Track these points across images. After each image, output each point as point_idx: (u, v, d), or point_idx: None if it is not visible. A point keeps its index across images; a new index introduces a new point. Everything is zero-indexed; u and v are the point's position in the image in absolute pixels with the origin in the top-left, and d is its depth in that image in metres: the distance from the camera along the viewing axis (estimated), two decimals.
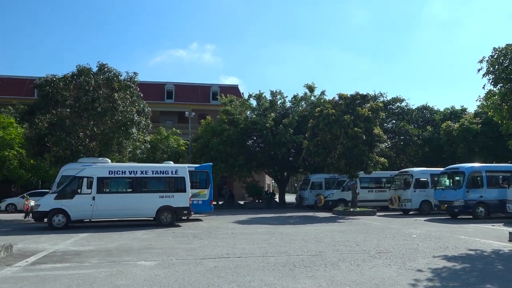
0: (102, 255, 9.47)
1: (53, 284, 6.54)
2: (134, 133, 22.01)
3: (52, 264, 8.37)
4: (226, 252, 9.73)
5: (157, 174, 17.36)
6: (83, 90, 20.93)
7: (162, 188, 17.29)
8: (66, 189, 16.18)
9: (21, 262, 8.56)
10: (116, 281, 6.71)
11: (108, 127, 21.41)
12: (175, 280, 6.74)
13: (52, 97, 20.51)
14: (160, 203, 16.82)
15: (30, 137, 21.72)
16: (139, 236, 13.39)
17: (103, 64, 22.20)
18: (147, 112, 23.40)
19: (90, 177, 16.43)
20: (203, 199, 21.24)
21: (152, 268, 7.81)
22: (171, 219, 16.95)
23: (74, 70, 21.72)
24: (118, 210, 16.58)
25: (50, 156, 21.62)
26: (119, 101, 21.27)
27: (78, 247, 10.77)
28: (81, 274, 7.28)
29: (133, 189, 17.01)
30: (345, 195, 26.66)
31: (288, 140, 30.25)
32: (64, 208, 15.78)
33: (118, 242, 11.73)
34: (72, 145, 20.86)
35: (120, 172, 16.93)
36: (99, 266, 8.09)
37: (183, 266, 7.92)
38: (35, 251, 10.03)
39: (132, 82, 22.67)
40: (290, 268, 7.74)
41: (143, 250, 10.21)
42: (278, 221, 19.09)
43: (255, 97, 34.63)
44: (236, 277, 6.93)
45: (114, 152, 22.54)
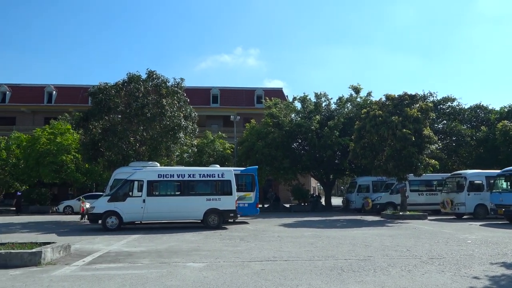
0: (153, 256, 9.77)
1: (108, 283, 6.83)
2: (181, 138, 22.56)
3: (106, 264, 8.75)
4: (272, 255, 9.75)
5: (204, 177, 17.70)
6: (133, 96, 21.72)
7: (209, 191, 17.60)
8: (119, 192, 16.85)
9: (79, 261, 9.00)
10: (167, 281, 6.91)
11: (156, 132, 22.08)
12: (223, 282, 6.84)
13: (105, 104, 21.43)
14: (207, 206, 17.12)
15: (85, 142, 22.80)
16: (187, 238, 13.70)
17: (151, 71, 22.96)
18: (194, 117, 23.91)
19: (140, 180, 17.02)
20: (249, 202, 21.43)
21: (200, 269, 7.97)
22: (218, 221, 17.20)
23: (125, 78, 22.59)
24: (167, 213, 17.05)
25: (104, 160, 22.59)
26: (167, 107, 21.89)
27: (130, 248, 11.18)
28: (134, 274, 7.55)
29: (181, 192, 17.43)
30: (394, 198, 25.93)
31: (333, 143, 29.87)
32: (116, 210, 16.45)
33: (168, 244, 12.06)
34: (123, 149, 21.70)
35: (168, 175, 17.41)
36: (150, 267, 8.35)
37: (231, 269, 8.02)
38: (91, 251, 10.52)
39: (179, 87, 23.27)
40: (338, 272, 7.64)
41: (191, 252, 10.44)
42: (324, 224, 18.88)
43: (300, 99, 34.50)
44: (283, 281, 6.93)
45: (163, 156, 23.19)
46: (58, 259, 9.17)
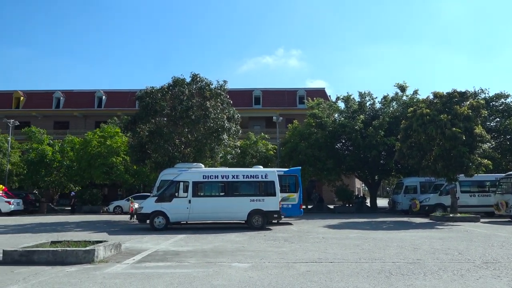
0: (199, 255, 9.96)
1: (157, 281, 7.03)
2: (225, 139, 22.85)
3: (155, 262, 9.01)
4: (318, 256, 9.66)
5: (248, 178, 17.83)
6: (178, 99, 22.26)
7: (252, 192, 17.70)
8: (165, 193, 17.32)
9: (129, 260, 9.33)
10: (213, 281, 7.02)
11: (201, 134, 22.49)
12: (269, 283, 6.86)
13: (152, 107, 22.10)
14: (251, 207, 17.23)
15: (133, 145, 23.61)
16: (232, 238, 13.85)
17: (195, 75, 23.43)
18: (237, 118, 24.14)
19: (186, 181, 17.40)
20: (292, 203, 21.35)
21: (246, 270, 8.04)
22: (262, 222, 17.27)
23: (170, 82, 23.19)
24: (211, 213, 17.32)
25: (151, 162, 23.28)
26: (211, 109, 22.25)
27: (177, 248, 11.45)
28: (181, 273, 7.73)
29: (225, 193, 17.65)
30: (443, 199, 24.96)
31: (378, 143, 29.21)
32: (163, 211, 16.91)
33: (213, 244, 12.24)
34: (169, 151, 22.27)
35: (213, 176, 17.69)
36: (197, 266, 8.52)
37: (276, 269, 8.02)
38: (140, 250, 10.87)
39: (222, 90, 23.59)
40: (386, 275, 7.45)
41: (236, 252, 10.54)
42: (370, 226, 18.48)
43: (343, 99, 34.00)
44: (329, 283, 6.85)
45: (207, 158, 23.58)
46: (109, 257, 9.55)
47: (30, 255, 8.87)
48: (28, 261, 8.76)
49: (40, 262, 8.72)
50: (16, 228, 18.10)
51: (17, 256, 8.90)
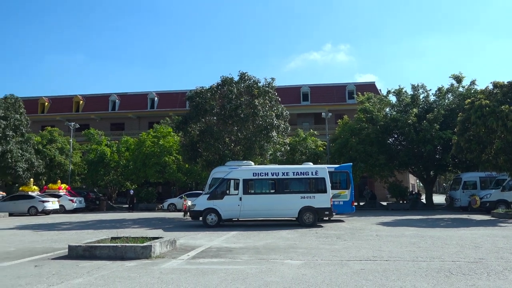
0: (251, 252, 10.04)
1: (212, 277, 7.17)
2: (274, 136, 22.87)
3: (209, 259, 9.20)
4: (372, 254, 9.44)
5: (298, 175, 17.75)
6: (227, 98, 22.55)
7: (303, 189, 17.61)
8: (217, 191, 17.63)
9: (184, 255, 9.59)
10: (266, 278, 7.05)
11: (250, 132, 22.66)
12: (322, 280, 6.79)
13: (201, 107, 22.55)
14: (302, 204, 17.14)
15: (185, 144, 24.22)
16: (283, 235, 13.85)
17: (243, 73, 23.62)
18: (286, 116, 24.10)
19: (236, 179, 17.62)
20: (344, 199, 21.01)
21: (298, 267, 8.01)
22: (313, 219, 17.13)
23: (219, 81, 23.55)
24: (262, 210, 17.42)
25: (202, 160, 23.78)
26: (259, 107, 22.35)
27: (230, 244, 11.63)
28: (234, 269, 7.84)
29: (276, 190, 17.69)
30: (506, 195, 23.54)
31: (433, 137, 28.04)
32: (215, 208, 17.23)
33: (265, 241, 12.31)
34: (219, 149, 22.65)
35: (263, 174, 17.78)
36: (249, 262, 8.60)
37: (329, 267, 7.93)
38: (194, 246, 11.14)
39: (270, 87, 23.62)
40: (446, 275, 7.14)
41: (288, 249, 10.53)
42: (426, 223, 17.80)
43: (395, 92, 32.95)
44: (385, 281, 6.67)
45: (257, 155, 23.72)
46: (165, 253, 9.86)
47: (92, 250, 9.36)
48: (91, 256, 9.24)
49: (101, 257, 9.17)
50: (79, 225, 19.17)
51: (81, 251, 9.42)
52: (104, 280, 6.94)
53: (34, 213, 27.44)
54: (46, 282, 6.88)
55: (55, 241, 12.76)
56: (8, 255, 10.05)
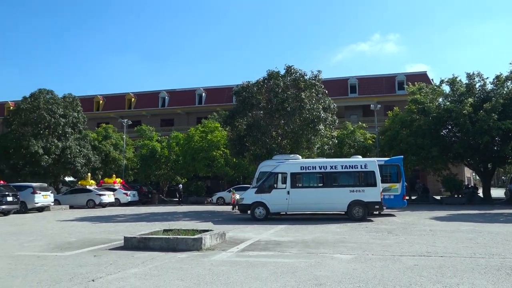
0: (300, 246, 10.02)
1: (261, 269, 7.23)
2: (321, 130, 22.62)
3: (258, 251, 9.28)
4: (426, 250, 9.13)
5: (347, 169, 17.47)
6: (273, 92, 22.54)
7: (352, 183, 17.32)
8: (264, 184, 17.73)
9: (233, 248, 9.73)
10: (316, 271, 7.01)
11: (297, 125, 22.54)
12: (374, 275, 6.65)
13: (248, 101, 22.70)
14: (351, 198, 16.87)
15: (232, 138, 24.53)
16: (332, 229, 13.70)
17: (289, 67, 23.50)
18: (333, 108, 23.75)
19: (284, 173, 17.62)
20: (395, 193, 20.45)
21: (349, 261, 7.90)
22: (362, 213, 16.81)
23: (265, 75, 23.58)
24: (310, 204, 17.31)
25: (249, 155, 23.99)
26: (306, 100, 22.16)
27: (278, 238, 11.66)
28: (283, 262, 7.85)
29: (324, 183, 17.51)
30: None
31: (491, 127, 26.52)
32: (263, 202, 17.34)
33: (314, 235, 12.23)
34: (267, 143, 22.72)
35: (310, 167, 17.65)
36: (299, 256, 8.58)
37: (380, 262, 7.76)
38: (243, 239, 11.28)
39: (316, 80, 23.35)
40: (507, 273, 6.77)
41: (338, 243, 10.41)
42: (484, 218, 16.94)
43: (448, 82, 31.44)
44: (441, 278, 6.43)
45: (304, 149, 23.58)
46: (215, 245, 10.06)
47: (146, 242, 9.72)
48: (145, 247, 9.60)
49: (155, 248, 9.50)
50: (133, 217, 19.97)
51: (136, 242, 9.82)
52: (158, 271, 7.19)
53: (92, 206, 28.90)
54: (105, 271, 7.23)
55: (111, 233, 13.37)
56: (70, 245, 10.66)
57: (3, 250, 9.97)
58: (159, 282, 6.36)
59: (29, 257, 8.90)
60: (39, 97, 32.36)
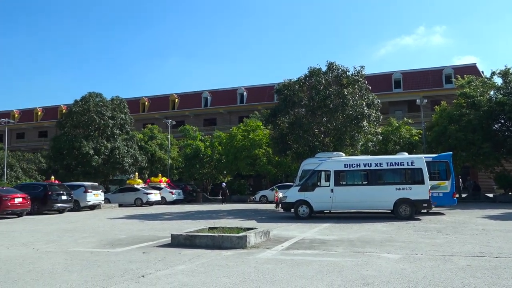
0: (346, 245, 9.88)
1: (306, 268, 7.19)
2: (365, 126, 22.19)
3: (303, 250, 9.24)
4: (479, 250, 8.73)
5: (392, 166, 17.03)
6: (315, 89, 22.34)
7: (398, 180, 16.87)
8: (307, 182, 17.62)
9: (278, 246, 9.75)
10: (363, 271, 6.89)
11: (340, 122, 22.24)
12: (424, 276, 6.45)
13: (290, 99, 22.64)
14: (397, 196, 16.43)
15: (274, 137, 24.56)
16: (378, 228, 13.41)
17: (331, 63, 23.21)
18: (377, 104, 23.23)
19: (327, 170, 17.42)
20: (443, 191, 19.70)
21: (397, 261, 7.70)
22: (410, 212, 16.33)
23: (306, 72, 23.41)
24: (355, 202, 17.02)
25: (292, 153, 23.92)
26: (349, 96, 21.81)
27: (323, 236, 11.56)
28: (329, 261, 7.77)
29: (369, 181, 17.15)
30: None
31: None
32: (307, 200, 17.23)
33: (359, 233, 12.02)
34: (309, 141, 22.56)
35: (355, 165, 17.35)
36: (344, 255, 8.46)
37: (430, 262, 7.50)
38: (287, 238, 11.27)
39: (359, 76, 22.92)
40: None
41: (384, 242, 10.17)
42: None
43: (500, 74, 29.85)
44: (496, 280, 6.13)
45: (347, 146, 23.23)
46: (260, 243, 10.11)
47: (192, 239, 9.93)
48: (191, 244, 9.81)
49: (200, 245, 9.69)
50: (178, 215, 20.46)
51: (182, 240, 10.05)
52: (205, 268, 7.32)
53: (139, 204, 29.89)
54: (154, 267, 7.45)
55: (158, 230, 13.77)
56: (120, 242, 11.08)
57: (59, 246, 10.51)
58: (206, 279, 6.48)
59: (83, 253, 9.34)
60: (89, 100, 33.86)
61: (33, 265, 7.88)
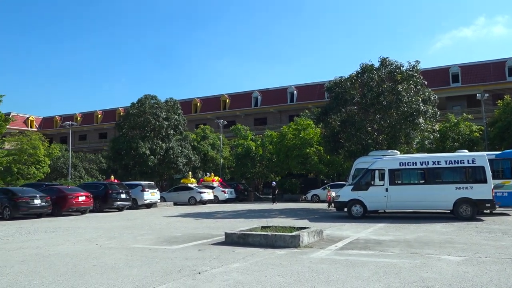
0: (402, 245, 9.57)
1: (362, 269, 7.04)
2: (421, 123, 21.39)
3: (357, 250, 9.05)
4: None
5: (451, 164, 16.25)
6: (367, 86, 21.85)
7: (458, 179, 16.07)
8: (361, 181, 17.24)
9: (331, 246, 9.62)
10: (422, 273, 6.64)
11: (394, 120, 21.59)
12: (489, 280, 6.11)
13: (341, 97, 22.29)
14: (457, 195, 15.66)
15: (326, 135, 24.30)
16: (437, 229, 12.87)
17: (384, 58, 22.59)
18: (434, 100, 22.31)
19: (381, 169, 16.96)
20: (508, 190, 18.50)
21: (458, 263, 7.35)
22: (471, 212, 15.51)
23: (358, 69, 22.95)
24: (411, 202, 16.45)
25: (344, 151, 23.55)
26: (403, 92, 21.12)
27: (378, 236, 11.27)
28: (385, 262, 7.56)
29: (426, 180, 16.50)
30: None
31: None
32: (360, 199, 16.88)
33: (416, 234, 11.60)
34: (362, 139, 22.09)
35: (411, 163, 16.77)
36: (401, 256, 8.20)
37: (496, 266, 7.09)
38: (341, 238, 11.09)
39: (414, 71, 22.16)
40: None
41: (444, 243, 9.74)
42: None
43: None
44: None
45: (402, 144, 22.54)
46: (313, 243, 10.03)
47: (246, 238, 10.04)
48: (244, 243, 9.92)
49: (254, 244, 9.77)
50: (231, 214, 20.77)
51: (236, 238, 10.19)
52: (258, 266, 7.38)
53: (193, 203, 30.67)
54: (209, 265, 7.62)
55: (212, 228, 14.05)
56: (176, 239, 11.43)
57: (120, 242, 11.03)
58: (260, 277, 6.53)
59: (142, 249, 9.72)
60: (145, 103, 35.22)
61: (97, 260, 8.32)
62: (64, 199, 21.36)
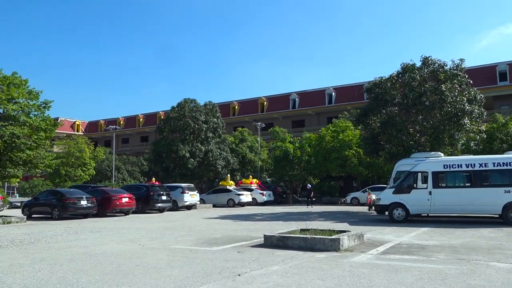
0: (447, 251, 9.23)
1: (405, 274, 6.85)
2: (466, 124, 20.55)
3: (400, 255, 8.81)
4: None
5: (500, 166, 15.54)
6: (409, 86, 21.25)
7: (507, 182, 15.31)
8: (403, 184, 16.80)
9: (372, 250, 9.42)
10: (469, 280, 6.38)
11: (437, 120, 20.89)
12: None
13: (381, 97, 21.79)
14: (507, 199, 14.93)
15: (366, 137, 23.83)
16: (485, 234, 12.32)
17: (426, 57, 21.91)
18: (480, 99, 21.39)
19: (424, 172, 16.47)
20: None
21: (508, 271, 7.00)
22: None
23: (399, 69, 22.38)
24: (456, 206, 15.85)
25: (384, 153, 23.00)
26: (447, 92, 20.40)
27: (421, 241, 10.93)
28: (430, 268, 7.32)
29: (472, 183, 15.86)
30: None
31: None
32: (402, 202, 16.44)
33: (462, 239, 11.16)
34: (403, 141, 21.50)
35: (455, 165, 16.16)
36: (447, 262, 7.91)
37: None
38: (382, 242, 10.84)
39: (459, 70, 21.35)
40: None
41: (493, 250, 9.31)
42: None
43: None
44: None
45: (446, 145, 21.75)
46: (353, 246, 9.86)
47: (285, 240, 10.02)
48: (284, 246, 9.89)
49: (293, 247, 9.73)
50: (270, 216, 20.78)
51: (275, 241, 10.18)
52: (298, 269, 7.34)
53: (232, 205, 30.93)
54: (248, 267, 7.66)
55: (251, 230, 14.11)
56: (215, 241, 11.56)
57: (161, 243, 11.29)
58: (300, 280, 6.49)
59: (183, 250, 9.91)
60: (184, 106, 35.95)
61: (140, 260, 8.55)
62: (109, 200, 22.13)
